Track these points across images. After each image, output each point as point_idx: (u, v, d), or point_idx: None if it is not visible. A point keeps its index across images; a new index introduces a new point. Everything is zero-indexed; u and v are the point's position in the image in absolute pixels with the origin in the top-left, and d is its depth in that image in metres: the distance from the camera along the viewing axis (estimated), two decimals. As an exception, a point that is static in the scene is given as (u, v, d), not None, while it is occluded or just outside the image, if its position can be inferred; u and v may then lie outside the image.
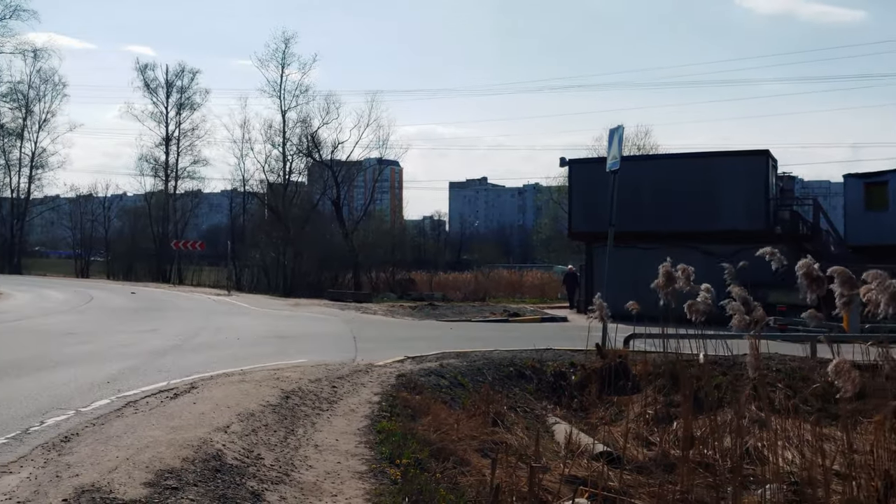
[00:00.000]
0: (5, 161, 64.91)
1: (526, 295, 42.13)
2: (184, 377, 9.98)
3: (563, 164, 30.26)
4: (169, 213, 60.93)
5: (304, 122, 52.19)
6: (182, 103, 61.67)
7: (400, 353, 14.44)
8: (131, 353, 12.80)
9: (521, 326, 23.59)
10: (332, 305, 31.59)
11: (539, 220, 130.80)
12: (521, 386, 13.20)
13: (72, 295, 32.60)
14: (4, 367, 10.77)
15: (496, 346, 16.94)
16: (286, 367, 11.42)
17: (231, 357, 12.63)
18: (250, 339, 15.91)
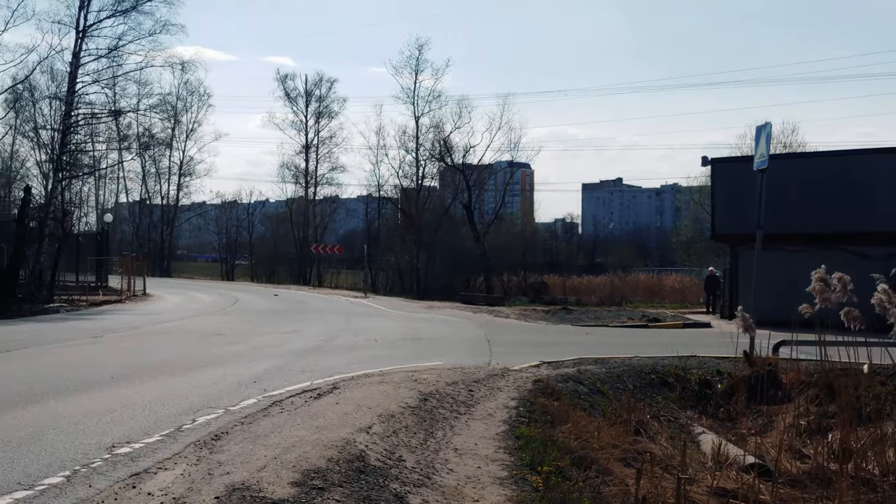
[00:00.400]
0: (156, 170, 69.09)
1: (665, 300, 40.93)
2: (326, 377, 10.18)
3: (706, 164, 29.17)
4: (308, 218, 63.08)
5: (437, 127, 52.88)
6: (321, 112, 63.83)
7: (535, 358, 14.26)
8: (275, 353, 13.21)
9: (661, 332, 22.89)
10: (464, 308, 31.73)
11: (678, 221, 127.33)
12: (663, 394, 12.74)
13: (218, 297, 34.19)
14: (159, 367, 11.33)
15: (635, 352, 16.47)
16: (423, 369, 11.46)
17: (369, 358, 12.81)
18: (387, 341, 16.14)
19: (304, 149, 63.98)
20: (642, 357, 14.38)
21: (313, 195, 64.34)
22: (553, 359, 13.62)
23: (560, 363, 13.17)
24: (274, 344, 14.79)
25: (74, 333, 16.38)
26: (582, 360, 13.52)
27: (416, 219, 51.31)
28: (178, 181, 69.49)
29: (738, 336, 11.73)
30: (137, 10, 29.96)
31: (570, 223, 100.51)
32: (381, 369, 11.14)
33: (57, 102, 30.60)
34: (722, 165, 28.99)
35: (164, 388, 9.41)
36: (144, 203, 70.00)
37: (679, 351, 16.52)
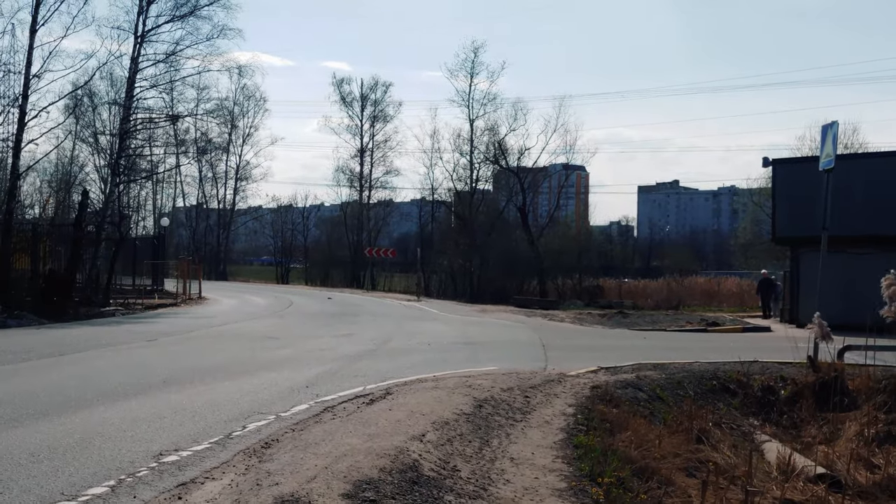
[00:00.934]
0: (213, 174, 70.06)
1: (723, 303, 40.02)
2: (378, 382, 10.01)
3: (766, 165, 28.42)
4: (363, 221, 63.36)
5: (492, 129, 52.60)
6: (376, 116, 64.05)
7: (592, 363, 13.91)
8: (328, 357, 13.10)
9: (721, 337, 22.29)
10: (518, 312, 31.41)
11: (736, 224, 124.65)
12: (724, 401, 12.30)
13: (273, 300, 34.42)
14: (211, 371, 11.29)
15: (695, 357, 15.99)
16: (477, 374, 11.23)
17: (423, 362, 12.62)
18: (441, 345, 15.95)
19: (359, 153, 64.28)
20: (703, 362, 13.94)
21: (368, 199, 64.62)
22: (610, 364, 13.26)
23: (618, 369, 12.82)
24: (326, 347, 14.71)
25: (129, 337, 16.52)
26: (641, 366, 13.13)
27: (469, 222, 51.10)
28: (234, 185, 70.37)
29: (805, 340, 11.33)
30: (195, 14, 30.28)
31: (625, 226, 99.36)
32: (434, 374, 10.93)
33: (116, 108, 31.14)
34: (783, 167, 28.19)
35: (215, 393, 9.34)
36: (201, 207, 71.05)
37: (740, 356, 15.99)
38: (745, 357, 15.78)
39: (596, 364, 13.39)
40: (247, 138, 69.45)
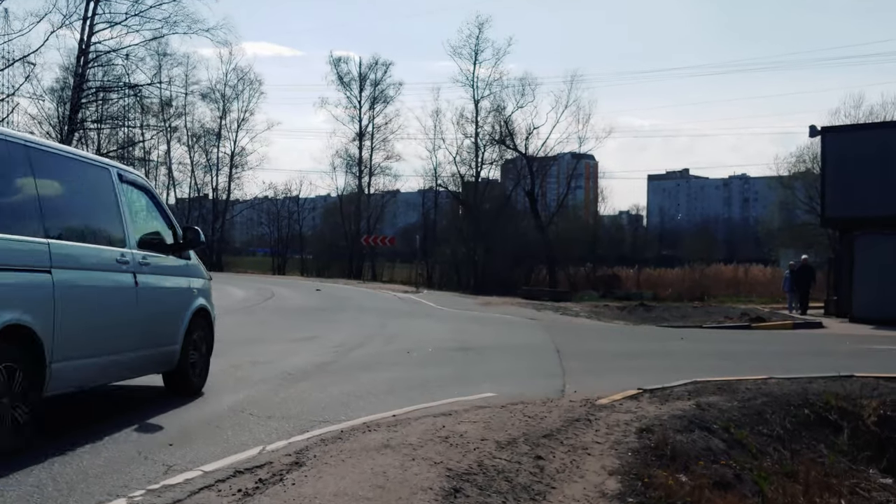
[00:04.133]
0: (206, 160, 66.14)
1: (752, 293, 36.20)
2: (296, 435, 6.19)
3: (814, 134, 24.52)
4: (361, 209, 59.55)
5: (498, 110, 48.55)
6: (376, 97, 59.93)
7: (625, 378, 10.13)
8: (257, 376, 9.32)
9: (771, 336, 18.43)
10: (525, 305, 27.61)
11: (748, 213, 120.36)
12: (825, 439, 8.53)
13: (254, 293, 30.69)
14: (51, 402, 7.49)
15: (754, 365, 12.19)
16: (463, 408, 7.46)
17: (388, 386, 8.83)
18: (425, 353, 12.16)
19: (357, 136, 60.26)
20: (780, 379, 10.12)
21: (367, 185, 60.74)
22: (653, 382, 9.48)
23: (667, 391, 9.02)
24: (270, 359, 10.94)
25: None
26: (699, 387, 9.32)
27: (473, 208, 47.27)
28: (229, 172, 66.38)
29: (880, 340, 7.53)
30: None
31: (635, 215, 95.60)
32: (395, 412, 7.13)
33: (68, 76, 27.36)
34: (836, 136, 24.34)
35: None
36: (195, 196, 67.34)
37: (808, 362, 12.33)
38: (813, 362, 12.06)
39: (633, 382, 9.62)
40: (242, 123, 65.34)
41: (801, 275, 25.03)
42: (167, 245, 7.51)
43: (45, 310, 5.45)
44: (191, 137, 65.55)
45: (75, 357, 5.87)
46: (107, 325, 6.36)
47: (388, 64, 60.37)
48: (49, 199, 5.81)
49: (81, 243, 6.12)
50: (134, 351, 6.80)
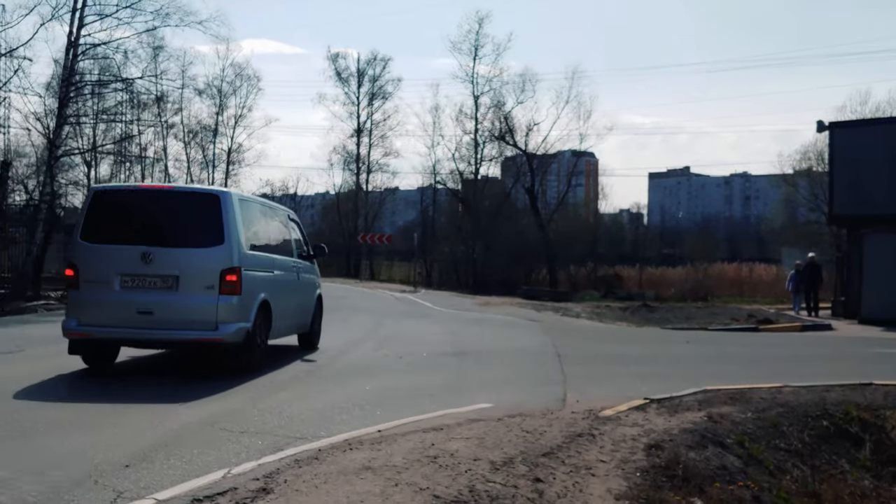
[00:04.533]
0: (203, 156, 65.47)
1: (757, 294, 35.54)
2: (268, 455, 5.58)
3: (822, 129, 23.84)
4: (359, 206, 58.91)
5: (498, 105, 47.77)
6: (374, 93, 59.19)
7: (630, 385, 9.56)
8: (238, 384, 8.71)
9: (780, 339, 17.80)
10: (525, 305, 27.00)
11: (748, 211, 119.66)
12: (847, 454, 7.92)
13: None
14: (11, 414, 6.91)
15: (764, 370, 11.62)
16: (455, 421, 6.85)
17: (376, 396, 8.20)
18: (418, 359, 11.53)
19: (355, 133, 59.52)
20: (795, 387, 9.50)
21: (366, 182, 60.06)
22: (660, 390, 8.87)
23: (676, 401, 8.40)
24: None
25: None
26: (709, 396, 8.71)
27: (472, 205, 46.59)
28: (226, 169, 65.62)
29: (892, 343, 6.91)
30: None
31: (635, 213, 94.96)
32: (381, 427, 6.52)
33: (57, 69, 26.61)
34: (844, 132, 23.70)
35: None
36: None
37: (820, 368, 11.75)
38: (837, 371, 11.45)
39: (639, 390, 9.03)
40: (239, 119, 64.60)
41: (808, 274, 24.26)
42: (306, 256, 12.18)
43: (272, 292, 9.97)
44: (187, 133, 65.09)
45: (280, 320, 10.30)
46: (288, 302, 10.84)
47: (387, 59, 59.66)
48: (272, 232, 10.98)
49: (281, 256, 10.90)
50: (296, 318, 11.46)
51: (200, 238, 9.10)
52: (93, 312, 8.90)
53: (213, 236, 9.00)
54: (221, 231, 9.01)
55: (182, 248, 9.05)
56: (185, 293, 8.86)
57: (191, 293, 8.87)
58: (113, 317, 8.84)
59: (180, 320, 8.83)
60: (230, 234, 9.04)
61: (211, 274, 8.88)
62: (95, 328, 8.86)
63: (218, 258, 8.97)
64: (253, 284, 9.33)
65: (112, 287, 8.85)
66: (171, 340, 9.23)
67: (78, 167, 60.87)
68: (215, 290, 8.85)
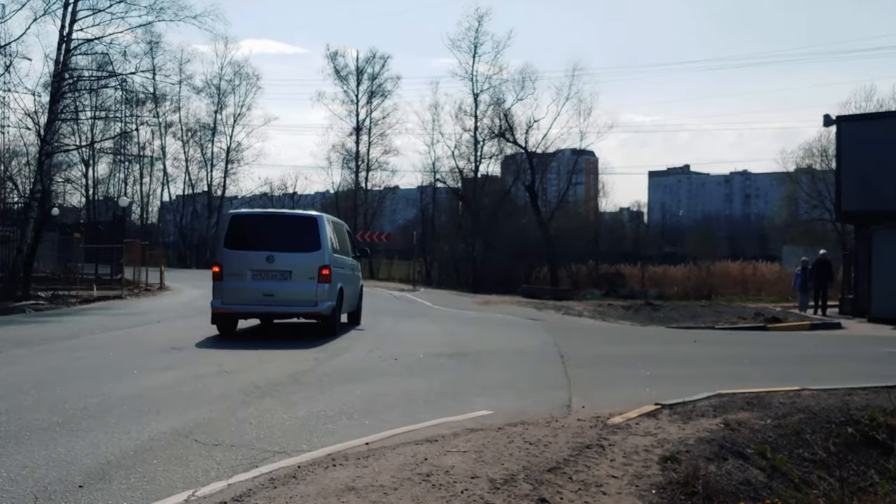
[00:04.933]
0: (202, 155, 64.81)
1: (761, 292, 34.97)
2: (241, 472, 4.99)
3: (829, 123, 23.24)
4: (358, 205, 58.33)
5: (497, 102, 47.17)
6: (373, 91, 58.64)
7: (638, 388, 9.01)
8: (220, 389, 8.12)
9: (789, 337, 17.22)
10: (526, 304, 26.44)
11: (749, 209, 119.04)
12: (875, 463, 7.35)
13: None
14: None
15: (777, 370, 11.06)
16: (452, 432, 6.27)
17: (366, 403, 7.61)
18: (413, 361, 10.94)
19: (354, 131, 58.98)
20: (814, 390, 8.93)
21: (365, 180, 59.49)
22: (671, 394, 8.31)
23: (689, 407, 7.83)
24: (239, 367, 9.74)
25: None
26: (724, 401, 8.13)
27: (472, 202, 45.98)
28: (224, 167, 65.02)
29: None
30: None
31: (636, 212, 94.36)
32: (369, 439, 5.93)
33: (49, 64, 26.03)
34: (852, 126, 23.08)
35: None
36: (188, 191, 66.11)
37: (835, 369, 11.22)
38: (853, 372, 10.89)
39: (648, 394, 8.48)
40: (238, 118, 64.02)
41: (817, 272, 23.54)
42: (356, 256, 16.18)
43: (344, 282, 14.18)
44: (186, 132, 64.48)
45: (345, 301, 14.42)
46: (349, 290, 14.82)
47: (386, 57, 59.18)
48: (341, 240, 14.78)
49: (345, 257, 14.82)
50: (352, 301, 15.38)
51: (304, 246, 13.37)
52: (232, 295, 13.18)
53: (312, 244, 13.36)
54: (318, 241, 13.41)
55: (293, 252, 13.32)
56: (295, 282, 13.19)
57: (299, 282, 13.18)
58: (246, 298, 13.20)
59: (293, 300, 13.22)
60: (323, 243, 13.44)
61: (312, 269, 13.22)
62: (234, 305, 13.23)
63: (316, 259, 13.30)
64: (335, 277, 13.64)
65: (246, 278, 13.18)
66: (286, 313, 13.74)
67: (76, 166, 60.97)
68: (315, 280, 13.18)
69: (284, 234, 13.60)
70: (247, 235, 13.55)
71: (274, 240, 13.37)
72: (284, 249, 13.23)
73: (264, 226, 14.09)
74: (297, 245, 13.36)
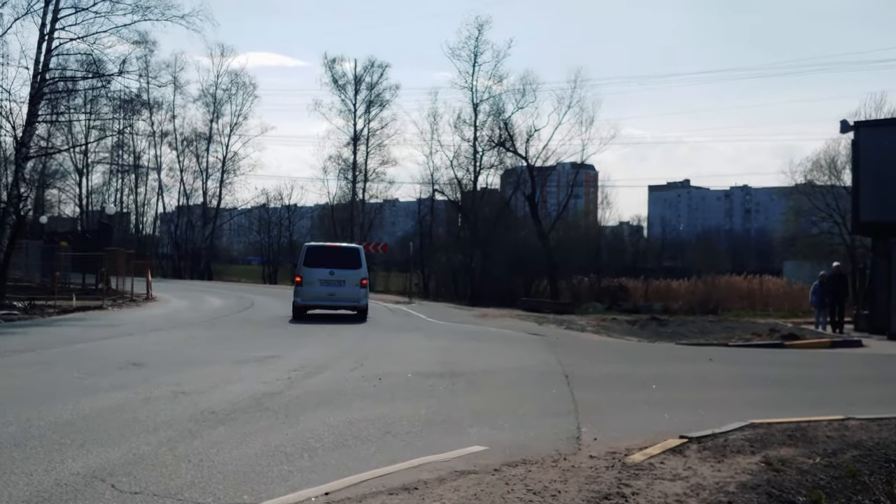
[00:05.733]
0: (197, 165, 63.66)
1: (769, 306, 33.78)
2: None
3: (846, 130, 22.06)
4: (354, 215, 57.16)
5: (497, 112, 45.96)
6: (371, 101, 57.48)
7: (660, 419, 7.80)
8: (166, 416, 6.90)
9: (810, 356, 15.94)
10: (526, 318, 25.21)
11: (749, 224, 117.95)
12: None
13: (234, 301, 28.45)
14: None
15: (808, 395, 9.86)
16: (436, 476, 5.06)
17: (336, 435, 6.37)
18: (400, 382, 9.70)
19: (352, 140, 57.81)
20: (862, 419, 7.72)
21: (362, 191, 58.32)
22: (695, 423, 7.15)
23: (720, 440, 6.61)
24: (198, 388, 8.51)
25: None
26: (760, 433, 6.92)
27: (471, 212, 44.80)
28: (220, 177, 63.81)
29: None
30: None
31: (635, 226, 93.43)
32: (330, 488, 4.68)
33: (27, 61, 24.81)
34: (871, 131, 21.90)
35: None
36: (183, 204, 64.99)
37: (871, 393, 10.06)
38: (891, 396, 9.70)
39: (668, 422, 7.30)
40: (235, 127, 62.85)
41: (833, 285, 22.08)
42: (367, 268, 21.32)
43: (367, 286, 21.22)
44: (181, 142, 63.35)
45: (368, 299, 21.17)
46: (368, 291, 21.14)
47: (385, 66, 57.88)
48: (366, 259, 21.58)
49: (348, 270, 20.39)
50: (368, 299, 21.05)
51: (352, 264, 20.15)
52: (308, 295, 19.75)
53: (356, 264, 20.20)
54: (360, 262, 20.37)
55: (346, 269, 19.92)
56: (348, 287, 19.81)
57: (350, 287, 19.81)
58: (316, 297, 19.82)
59: (346, 298, 19.94)
60: (363, 263, 20.40)
61: (358, 279, 19.94)
62: (309, 301, 19.88)
63: (359, 273, 20.05)
64: (367, 283, 20.39)
65: (316, 285, 19.71)
66: (342, 306, 20.23)
67: (70, 175, 59.83)
68: (359, 286, 19.88)
69: (340, 257, 20.69)
70: (316, 258, 20.50)
71: (334, 261, 20.38)
72: (341, 267, 20.10)
73: (327, 252, 21.46)
74: (348, 264, 20.29)
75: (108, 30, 25.54)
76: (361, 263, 20.33)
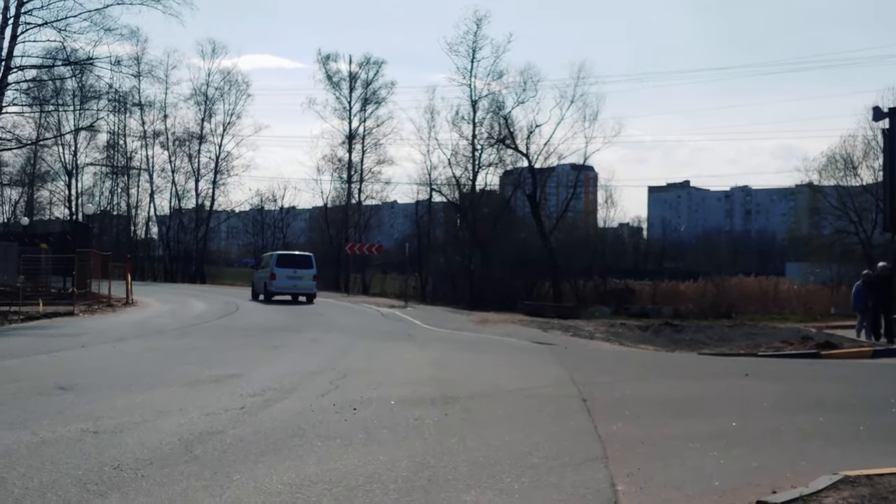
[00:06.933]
0: (190, 166, 61.80)
1: (785, 309, 31.93)
2: None
3: (879, 117, 20.09)
4: (349, 215, 55.36)
5: (497, 109, 44.02)
6: (367, 98, 55.72)
7: (713, 464, 5.94)
8: (48, 475, 5.00)
9: (860, 369, 14.00)
10: (529, 323, 23.41)
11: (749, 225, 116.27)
12: None
13: (219, 306, 26.78)
14: None
15: (885, 424, 8.01)
16: None
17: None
18: (379, 412, 7.79)
19: (347, 139, 56.04)
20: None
21: (358, 191, 56.53)
22: (760, 470, 5.38)
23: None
24: (121, 423, 6.65)
25: None
26: (861, 494, 5.06)
27: (469, 212, 42.95)
28: (213, 178, 61.90)
29: None
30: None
31: (636, 227, 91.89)
32: None
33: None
34: (908, 119, 19.95)
35: None
36: (175, 207, 63.15)
37: None
38: None
39: (727, 471, 5.42)
40: (228, 126, 60.99)
41: (875, 287, 19.49)
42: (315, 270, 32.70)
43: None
44: (173, 142, 61.51)
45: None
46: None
47: (381, 63, 56.11)
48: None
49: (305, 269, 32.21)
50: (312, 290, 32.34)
51: (307, 266, 31.16)
52: (278, 285, 30.39)
53: (310, 266, 31.30)
54: (312, 265, 31.50)
55: (303, 269, 30.79)
56: (304, 281, 30.60)
57: (306, 281, 30.68)
58: (284, 287, 30.47)
59: (305, 287, 30.65)
60: (314, 265, 31.64)
61: (311, 276, 30.99)
62: (279, 289, 30.62)
63: (311, 272, 31.14)
64: (316, 279, 32.08)
65: (283, 279, 30.26)
66: (301, 293, 30.67)
67: (60, 178, 58.01)
68: (311, 280, 30.88)
69: (300, 262, 31.19)
70: (285, 262, 30.82)
71: (295, 263, 30.84)
72: (300, 268, 30.63)
73: (291, 258, 31.72)
74: (305, 265, 30.93)
75: (78, 14, 23.82)
76: (313, 265, 31.38)
